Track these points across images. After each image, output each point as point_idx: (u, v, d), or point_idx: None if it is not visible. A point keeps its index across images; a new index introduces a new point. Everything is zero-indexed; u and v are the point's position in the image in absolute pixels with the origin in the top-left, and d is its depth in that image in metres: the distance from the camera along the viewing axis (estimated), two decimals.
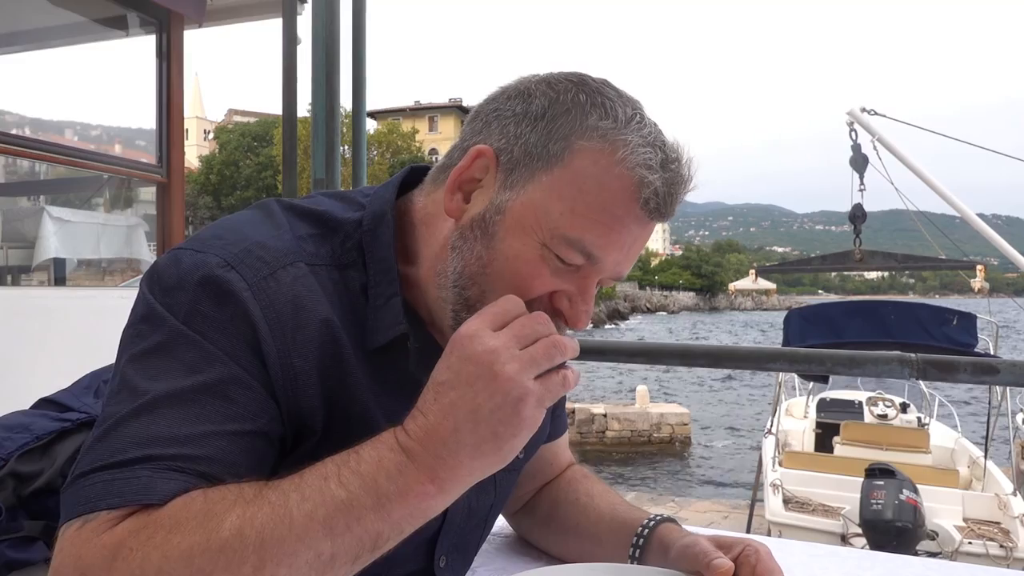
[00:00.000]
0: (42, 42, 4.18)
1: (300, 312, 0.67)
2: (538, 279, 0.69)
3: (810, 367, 1.83)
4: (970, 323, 5.68)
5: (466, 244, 0.70)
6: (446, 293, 0.72)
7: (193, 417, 0.61)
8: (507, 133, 0.71)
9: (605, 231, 0.68)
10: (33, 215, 4.15)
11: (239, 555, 0.54)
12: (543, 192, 0.68)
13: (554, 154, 0.68)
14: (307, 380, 0.67)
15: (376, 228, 0.74)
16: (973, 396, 14.05)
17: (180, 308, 0.64)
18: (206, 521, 0.55)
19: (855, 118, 5.90)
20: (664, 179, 0.68)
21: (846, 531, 5.06)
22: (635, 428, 14.65)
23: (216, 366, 0.63)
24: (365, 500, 0.56)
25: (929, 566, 0.99)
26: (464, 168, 0.71)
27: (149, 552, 0.54)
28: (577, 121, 0.69)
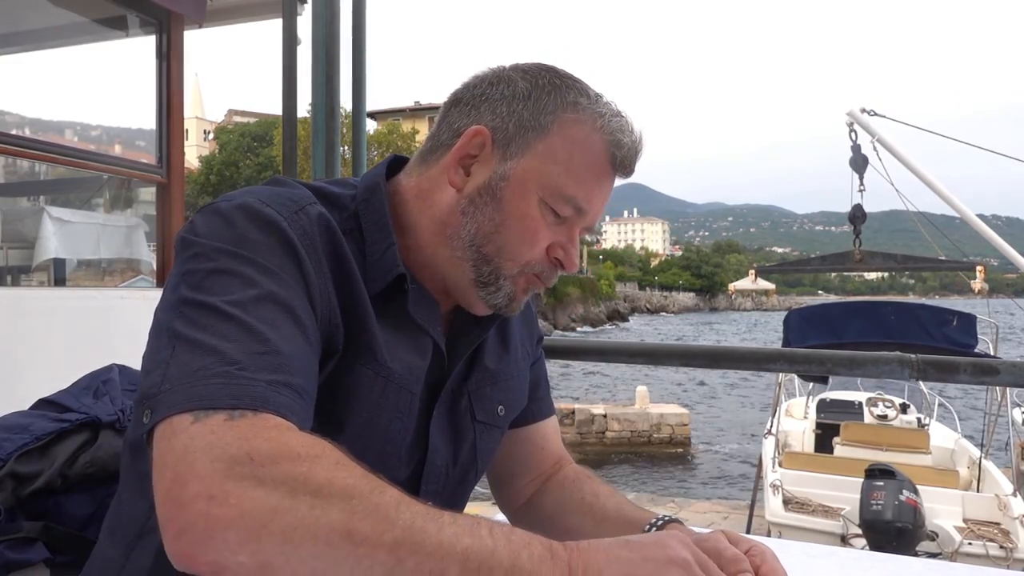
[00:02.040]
0: (42, 42, 4.18)
1: (326, 241, 0.76)
2: (541, 233, 0.82)
3: (810, 368, 1.83)
4: (970, 324, 5.69)
5: (477, 209, 0.82)
6: (462, 252, 0.83)
7: (267, 321, 0.65)
8: (499, 113, 0.83)
9: (591, 187, 0.83)
10: (33, 215, 4.14)
11: (391, 521, 0.55)
12: (540, 158, 0.81)
13: (544, 126, 0.81)
14: (334, 300, 0.75)
15: (370, 197, 0.85)
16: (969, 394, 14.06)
17: (229, 239, 0.70)
18: (370, 478, 0.58)
19: (855, 119, 5.90)
20: (632, 142, 0.84)
21: (846, 532, 5.05)
22: (635, 429, 14.65)
23: (275, 280, 0.69)
24: (503, 559, 0.57)
25: (929, 567, 0.99)
26: (463, 146, 0.83)
27: (315, 465, 0.57)
28: (560, 98, 0.82)
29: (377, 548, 0.55)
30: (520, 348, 1.01)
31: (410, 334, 0.84)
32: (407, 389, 0.82)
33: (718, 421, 17.99)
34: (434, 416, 0.87)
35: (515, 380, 0.98)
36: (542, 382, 1.08)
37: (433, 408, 0.87)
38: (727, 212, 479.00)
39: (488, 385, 0.94)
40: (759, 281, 15.29)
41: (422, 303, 0.84)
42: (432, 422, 0.87)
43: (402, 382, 0.81)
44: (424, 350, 0.85)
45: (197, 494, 0.55)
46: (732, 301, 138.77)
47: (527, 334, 1.04)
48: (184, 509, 0.55)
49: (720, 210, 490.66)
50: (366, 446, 0.78)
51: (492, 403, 0.94)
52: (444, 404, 0.89)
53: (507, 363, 0.97)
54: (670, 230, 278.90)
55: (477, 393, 0.92)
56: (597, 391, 22.47)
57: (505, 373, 0.96)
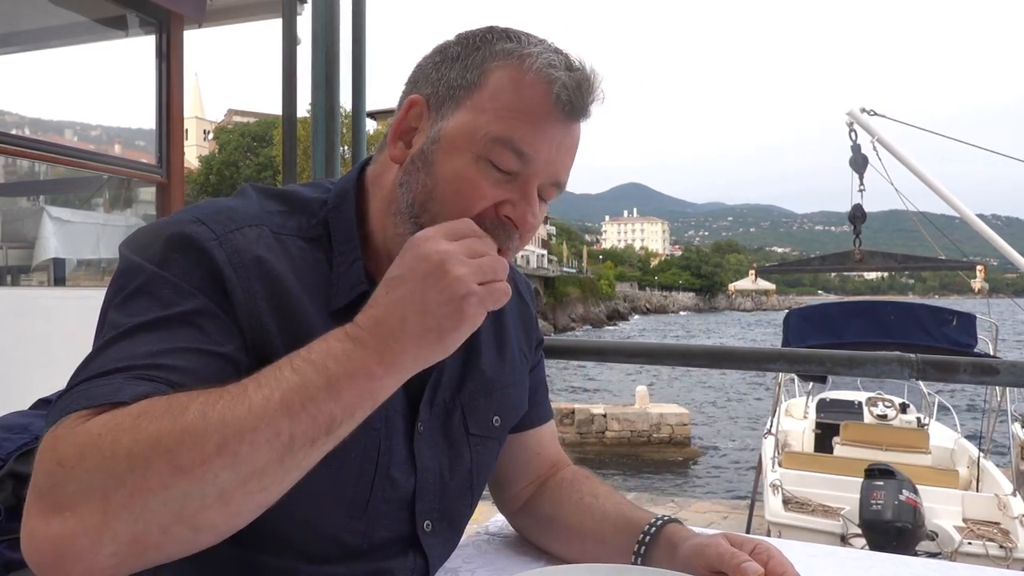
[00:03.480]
0: (42, 42, 4.18)
1: (262, 263, 0.75)
2: (479, 191, 0.76)
3: (810, 367, 1.83)
4: (970, 323, 5.68)
5: (411, 177, 0.79)
6: (403, 227, 0.79)
7: (166, 338, 0.67)
8: (431, 79, 0.80)
9: (529, 128, 0.75)
10: (33, 215, 4.14)
11: (203, 434, 0.57)
12: (468, 113, 0.77)
13: (472, 81, 0.77)
14: (267, 322, 0.74)
15: (340, 204, 0.84)
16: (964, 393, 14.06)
17: (155, 257, 0.72)
18: (171, 408, 0.59)
19: (855, 119, 5.90)
20: (570, 76, 0.76)
21: (846, 531, 5.05)
22: (635, 428, 14.65)
23: (189, 300, 0.70)
24: (316, 381, 0.60)
25: (929, 566, 0.99)
26: (401, 119, 0.81)
27: (119, 436, 0.58)
28: (488, 50, 0.78)
29: (208, 462, 0.56)
30: (518, 353, 0.99)
31: None
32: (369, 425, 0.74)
33: (718, 422, 17.99)
34: (421, 434, 0.85)
35: (512, 388, 0.96)
36: (540, 387, 1.06)
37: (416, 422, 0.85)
38: (727, 212, 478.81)
39: (482, 396, 0.91)
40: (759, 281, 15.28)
41: None
42: (417, 439, 0.84)
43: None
44: None
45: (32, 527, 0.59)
46: (732, 301, 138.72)
47: (524, 337, 1.01)
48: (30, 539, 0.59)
49: (720, 210, 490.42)
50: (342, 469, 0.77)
51: (487, 415, 0.92)
52: (436, 419, 0.87)
53: (503, 370, 0.95)
54: (670, 230, 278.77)
55: (471, 406, 0.90)
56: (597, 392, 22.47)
57: (501, 381, 0.94)
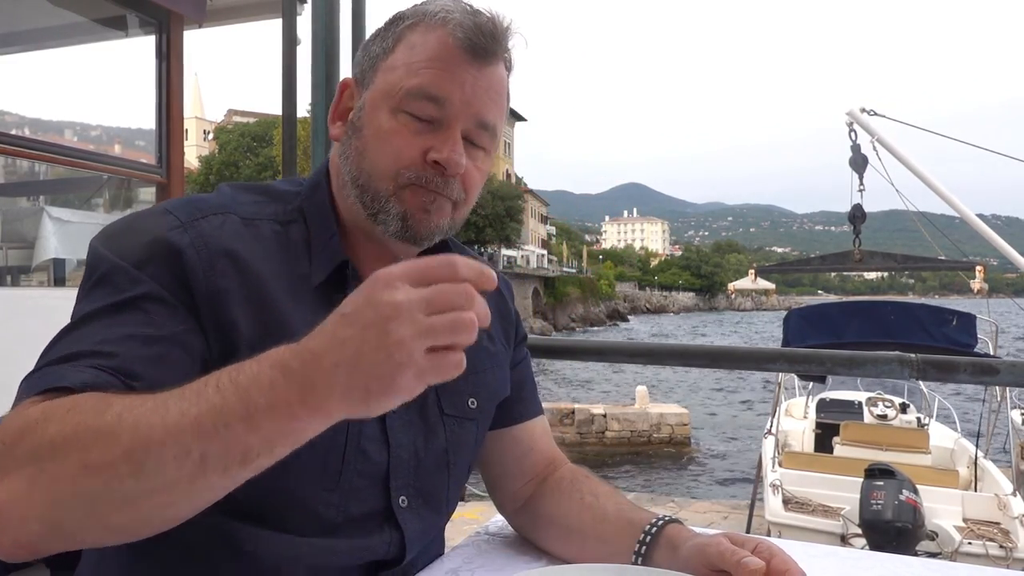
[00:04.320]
0: (42, 42, 4.18)
1: (224, 245, 0.79)
2: (403, 140, 0.81)
3: (810, 367, 1.83)
4: (970, 323, 5.68)
5: (346, 147, 0.86)
6: (350, 195, 0.85)
7: (113, 324, 0.71)
8: (359, 61, 0.89)
9: (437, 72, 0.81)
10: (33, 215, 4.14)
11: (115, 436, 0.58)
12: (384, 74, 0.83)
13: (387, 47, 0.85)
14: (229, 299, 0.76)
15: (313, 194, 0.89)
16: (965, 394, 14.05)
17: (116, 246, 0.76)
18: (97, 405, 0.61)
19: (854, 118, 5.90)
20: (468, 18, 0.81)
21: (846, 531, 5.05)
22: (635, 428, 14.64)
23: (138, 285, 0.74)
24: (236, 408, 0.57)
25: (929, 566, 0.99)
26: (337, 102, 0.89)
27: (48, 425, 0.60)
28: (400, 21, 0.85)
29: (115, 466, 0.57)
30: (497, 341, 1.01)
31: None
32: None
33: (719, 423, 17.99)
34: (395, 411, 0.84)
35: (488, 372, 0.98)
36: (527, 383, 1.07)
37: None
38: (727, 212, 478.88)
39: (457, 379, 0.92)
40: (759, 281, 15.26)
41: None
42: (390, 416, 0.86)
43: None
44: None
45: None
46: (732, 301, 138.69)
47: (500, 328, 1.03)
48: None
49: (720, 210, 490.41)
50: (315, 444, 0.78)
51: (462, 397, 0.93)
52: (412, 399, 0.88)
53: (479, 355, 0.96)
54: (670, 230, 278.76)
55: (445, 388, 0.89)
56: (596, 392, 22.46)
57: (475, 365, 0.94)
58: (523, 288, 57.92)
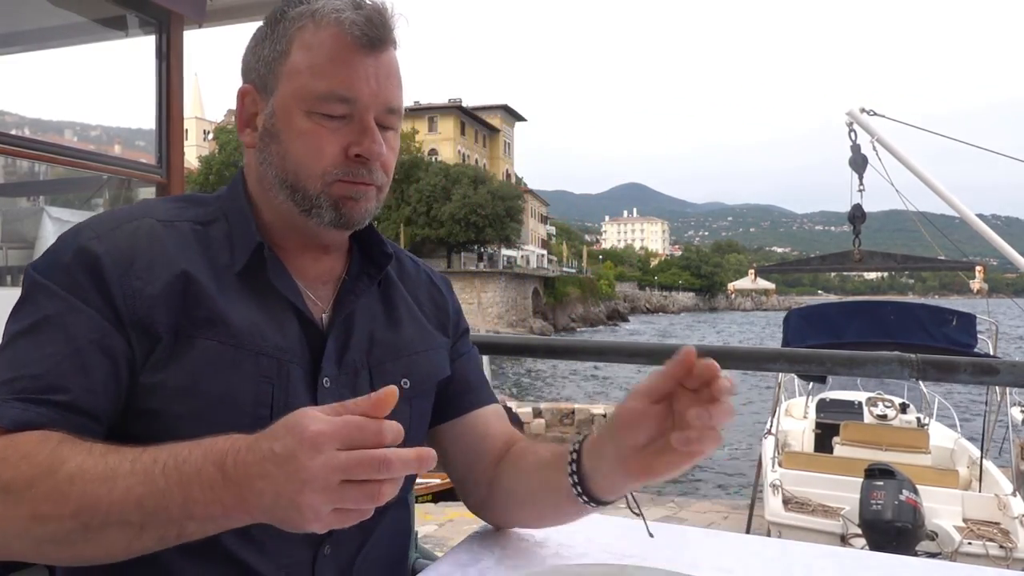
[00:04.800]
0: (42, 42, 4.18)
1: (138, 247, 0.83)
2: (323, 140, 0.86)
3: (810, 367, 1.83)
4: (970, 323, 5.68)
5: (266, 153, 0.89)
6: (277, 195, 0.90)
7: (35, 344, 0.76)
8: (252, 65, 0.91)
9: (340, 71, 0.85)
10: (33, 215, 4.14)
11: (65, 497, 0.66)
12: (288, 79, 0.86)
13: (282, 50, 0.87)
14: (146, 295, 0.81)
15: (232, 194, 0.95)
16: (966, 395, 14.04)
17: (39, 265, 0.82)
18: (51, 462, 0.67)
19: (854, 119, 5.90)
20: (358, 14, 0.85)
21: (846, 531, 5.05)
22: None
23: (56, 301, 0.78)
24: (176, 496, 0.65)
25: (929, 567, 0.99)
26: (240, 110, 0.92)
27: (2, 471, 0.67)
28: (286, 20, 0.88)
29: (62, 520, 0.65)
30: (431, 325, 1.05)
31: (277, 304, 0.88)
32: (266, 354, 0.84)
33: None
34: (328, 389, 0.89)
35: (421, 355, 1.01)
36: (472, 375, 1.10)
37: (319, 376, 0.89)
38: (727, 212, 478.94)
39: (389, 360, 0.97)
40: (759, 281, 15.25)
41: (282, 271, 0.90)
42: (322, 391, 0.88)
43: (257, 347, 0.84)
44: (290, 318, 0.89)
45: None
46: (732, 301, 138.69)
47: (435, 316, 1.07)
48: None
49: (720, 210, 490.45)
50: (239, 412, 0.82)
51: (394, 377, 0.96)
52: (345, 378, 0.91)
53: (412, 338, 1.00)
54: (670, 230, 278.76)
55: (378, 368, 0.95)
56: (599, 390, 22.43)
57: (409, 348, 0.99)
58: (523, 288, 57.92)
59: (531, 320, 56.31)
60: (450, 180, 55.89)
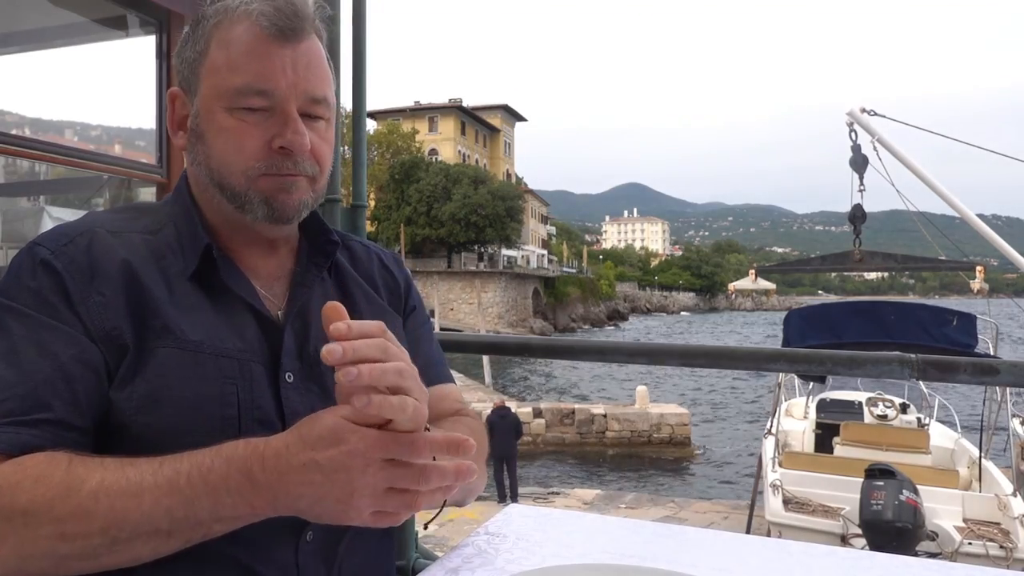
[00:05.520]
0: (42, 42, 4.18)
1: (94, 260, 0.83)
2: (246, 135, 0.85)
3: (810, 367, 1.82)
4: (970, 324, 5.68)
5: (194, 153, 0.90)
6: (211, 194, 0.90)
7: (15, 364, 0.75)
8: (178, 68, 0.92)
9: (256, 65, 0.85)
10: (33, 215, 4.14)
11: (91, 515, 0.67)
12: (208, 78, 0.87)
13: (201, 50, 0.88)
14: (108, 309, 0.81)
15: (176, 198, 0.95)
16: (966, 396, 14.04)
17: (4, 290, 0.81)
18: (69, 479, 0.68)
19: (855, 119, 5.90)
20: (269, 4, 0.85)
21: (846, 532, 5.06)
22: (635, 428, 14.65)
23: (27, 321, 0.78)
24: (204, 504, 0.68)
25: (929, 567, 0.99)
26: (171, 114, 0.92)
27: (17, 494, 0.67)
28: (205, 20, 0.89)
29: (90, 537, 0.66)
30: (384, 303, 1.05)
31: (233, 304, 0.89)
32: (226, 356, 0.85)
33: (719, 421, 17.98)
34: (290, 380, 0.88)
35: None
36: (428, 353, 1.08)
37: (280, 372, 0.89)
38: (727, 212, 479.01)
39: None
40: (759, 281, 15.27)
41: (233, 271, 0.90)
42: (285, 386, 0.88)
43: (217, 350, 0.84)
44: (246, 317, 0.89)
45: None
46: (732, 301, 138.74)
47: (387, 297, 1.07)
48: None
49: (720, 210, 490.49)
50: (206, 415, 0.81)
51: None
52: (307, 368, 0.91)
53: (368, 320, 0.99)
54: (670, 230, 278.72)
55: None
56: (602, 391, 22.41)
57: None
58: (523, 288, 57.92)
59: (531, 320, 56.32)
60: (450, 180, 55.90)
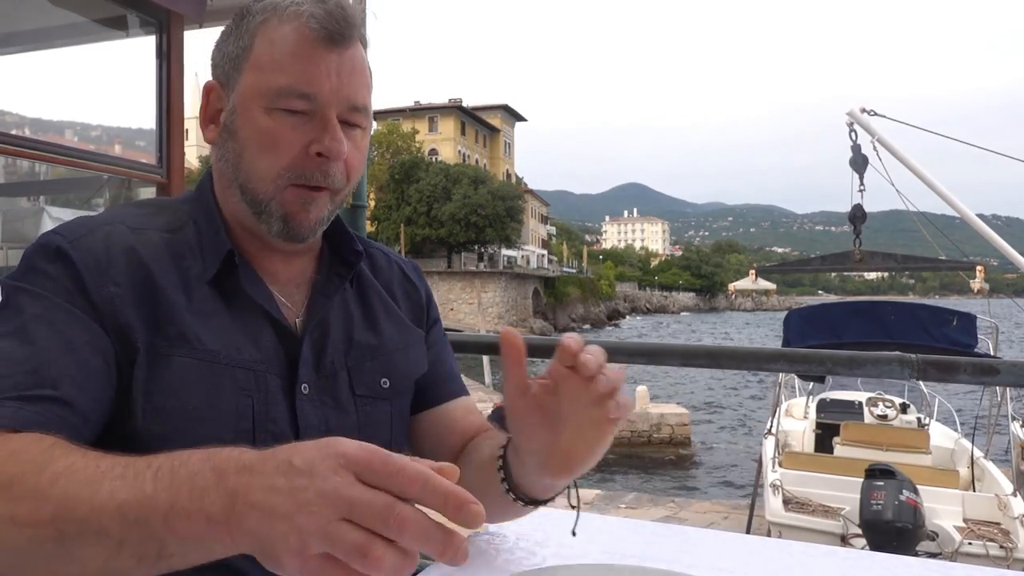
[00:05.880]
0: (42, 42, 4.18)
1: (112, 254, 0.81)
2: (282, 138, 0.83)
3: (810, 367, 1.83)
4: (970, 324, 5.68)
5: (224, 150, 0.88)
6: (234, 196, 0.88)
7: (26, 342, 0.73)
8: (217, 62, 0.89)
9: (301, 67, 0.83)
10: (33, 215, 4.14)
11: (45, 499, 0.58)
12: (249, 75, 0.85)
13: (245, 46, 0.86)
14: (122, 303, 0.79)
15: (199, 196, 0.93)
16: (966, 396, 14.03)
17: (20, 274, 0.79)
18: (39, 460, 0.61)
19: (855, 119, 5.90)
20: (320, 7, 0.84)
21: (846, 532, 5.05)
22: (635, 428, 14.64)
23: (42, 302, 0.76)
24: (161, 504, 0.54)
25: (929, 567, 0.99)
26: (204, 106, 0.90)
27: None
28: (251, 17, 0.87)
29: (39, 526, 0.57)
30: (407, 320, 1.03)
31: (250, 311, 0.87)
32: (243, 367, 0.83)
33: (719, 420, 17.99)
34: (306, 392, 0.87)
35: (400, 353, 0.99)
36: (440, 367, 1.06)
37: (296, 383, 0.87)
38: (727, 212, 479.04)
39: (368, 360, 0.95)
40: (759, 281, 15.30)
41: (253, 277, 0.88)
42: (300, 397, 0.87)
43: (234, 360, 0.83)
44: (263, 324, 0.87)
45: None
46: (732, 301, 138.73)
47: (409, 310, 1.05)
48: None
49: (720, 210, 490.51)
50: (220, 427, 0.80)
51: (373, 376, 0.95)
52: (324, 381, 0.90)
53: (390, 336, 0.98)
54: (670, 230, 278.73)
55: (356, 368, 0.93)
56: None
57: (387, 347, 0.98)
58: (523, 288, 57.91)
59: (531, 320, 56.30)
60: (450, 180, 55.89)
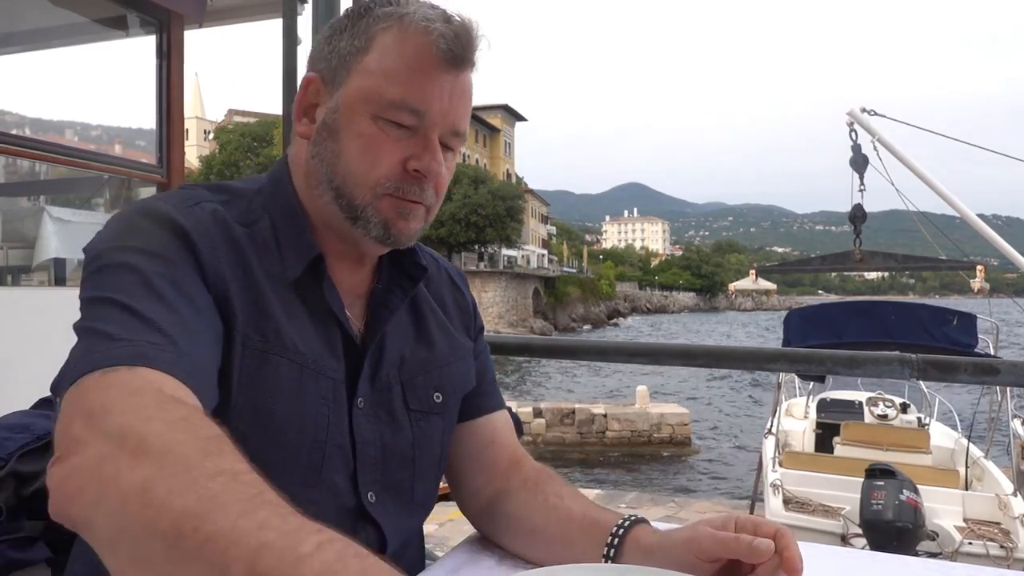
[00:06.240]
0: (42, 42, 4.18)
1: (218, 231, 0.79)
2: (383, 148, 0.81)
3: (810, 367, 1.83)
4: (970, 323, 5.68)
5: (321, 148, 0.84)
6: (325, 196, 0.85)
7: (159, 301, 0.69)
8: (324, 55, 0.86)
9: (418, 84, 0.80)
10: (33, 215, 4.14)
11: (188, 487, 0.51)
12: (360, 77, 0.82)
13: (360, 47, 0.82)
14: (229, 284, 0.77)
15: (276, 189, 0.89)
16: None
17: (121, 235, 0.74)
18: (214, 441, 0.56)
19: (855, 119, 5.90)
20: (448, 28, 0.80)
21: (846, 531, 5.05)
22: (635, 428, 14.64)
23: (161, 263, 0.72)
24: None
25: (929, 567, 0.99)
26: (301, 98, 0.86)
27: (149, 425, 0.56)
28: (371, 17, 0.83)
29: (163, 514, 0.49)
30: (459, 333, 1.02)
31: (324, 318, 0.85)
32: (325, 375, 0.82)
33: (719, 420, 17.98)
34: (361, 406, 0.87)
35: (452, 366, 0.98)
36: (487, 375, 1.06)
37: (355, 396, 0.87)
38: (727, 212, 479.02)
39: (421, 374, 0.94)
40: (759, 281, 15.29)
41: (331, 284, 0.86)
42: (356, 411, 0.86)
43: (319, 368, 0.82)
44: (335, 333, 0.86)
45: (66, 450, 0.57)
46: (732, 301, 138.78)
47: (460, 321, 1.04)
48: (59, 465, 0.57)
49: (720, 210, 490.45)
50: (302, 435, 0.80)
51: (426, 390, 0.94)
52: (378, 395, 0.89)
53: (442, 350, 0.97)
54: (670, 230, 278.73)
55: (410, 383, 0.92)
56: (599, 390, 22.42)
57: (439, 360, 0.96)
58: (524, 288, 57.91)
59: (532, 320, 56.29)
60: (450, 180, 55.77)
